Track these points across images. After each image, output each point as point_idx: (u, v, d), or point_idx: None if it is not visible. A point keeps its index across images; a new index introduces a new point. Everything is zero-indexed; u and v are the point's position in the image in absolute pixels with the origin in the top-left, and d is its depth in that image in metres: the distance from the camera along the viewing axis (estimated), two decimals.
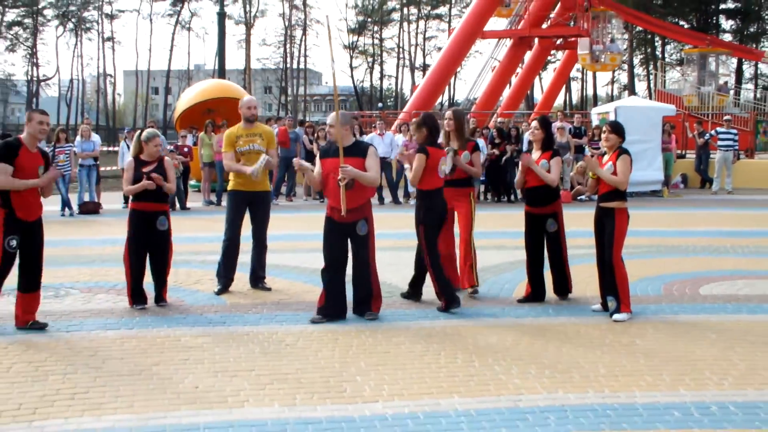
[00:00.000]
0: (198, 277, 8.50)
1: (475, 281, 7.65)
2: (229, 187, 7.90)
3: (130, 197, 7.32)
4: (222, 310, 7.03)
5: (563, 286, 7.52)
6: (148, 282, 7.18)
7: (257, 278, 8.02)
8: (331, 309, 6.58)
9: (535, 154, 7.50)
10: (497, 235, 11.84)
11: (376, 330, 6.32)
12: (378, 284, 6.74)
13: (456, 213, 7.87)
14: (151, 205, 7.15)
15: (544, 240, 7.46)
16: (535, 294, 7.46)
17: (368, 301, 6.67)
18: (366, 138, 17.29)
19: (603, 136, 7.14)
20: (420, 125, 7.24)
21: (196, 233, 11.99)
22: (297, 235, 11.60)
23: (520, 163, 7.52)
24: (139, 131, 7.59)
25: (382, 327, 6.42)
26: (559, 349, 5.84)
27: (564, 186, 16.51)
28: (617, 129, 7.08)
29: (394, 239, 10.84)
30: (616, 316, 6.72)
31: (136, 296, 7.08)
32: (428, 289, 7.76)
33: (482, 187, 17.97)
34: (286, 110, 58.92)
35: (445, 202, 7.31)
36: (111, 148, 32.68)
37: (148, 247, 7.13)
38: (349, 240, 6.63)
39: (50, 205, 15.73)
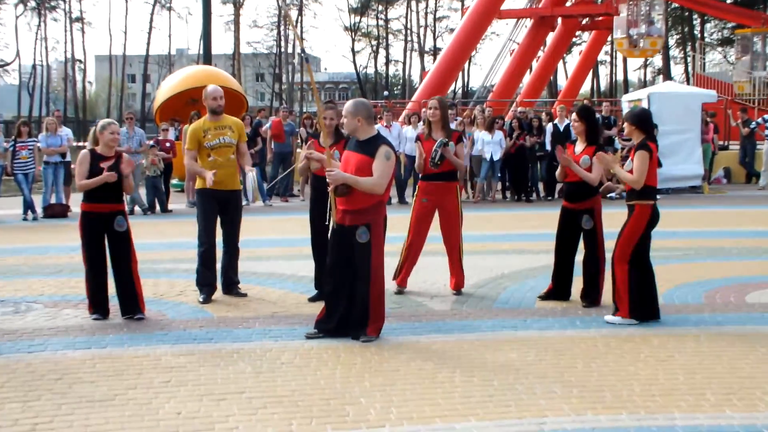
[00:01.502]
0: (181, 287, 8.48)
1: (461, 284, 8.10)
2: (198, 185, 7.98)
3: (81, 198, 7.28)
4: (208, 325, 7.01)
5: (592, 293, 7.53)
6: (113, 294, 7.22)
7: (231, 284, 8.12)
8: (331, 323, 6.49)
9: (579, 147, 7.67)
10: (518, 237, 11.81)
11: (383, 346, 6.29)
12: (381, 304, 6.47)
13: (438, 211, 8.10)
14: (106, 205, 7.15)
15: (576, 238, 7.62)
16: (557, 291, 7.65)
17: (364, 324, 6.42)
18: None
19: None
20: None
21: (180, 238, 11.98)
22: (293, 240, 11.58)
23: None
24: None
25: (389, 342, 6.39)
26: (587, 365, 5.80)
27: None
28: (637, 120, 7.04)
29: (399, 243, 10.79)
30: (608, 317, 6.90)
31: (95, 306, 7.15)
32: (432, 298, 7.73)
33: (499, 185, 17.94)
34: (280, 100, 59.02)
35: None
36: (81, 144, 32.65)
37: (107, 253, 7.17)
38: (347, 247, 6.45)
39: (11, 209, 15.80)
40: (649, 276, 6.94)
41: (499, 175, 17.56)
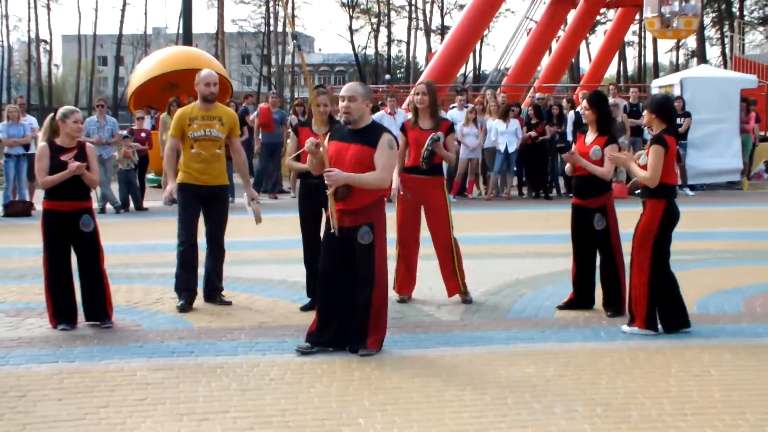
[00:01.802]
0: (158, 294, 8.50)
1: (462, 288, 8.07)
2: (179, 179, 7.97)
3: (43, 195, 7.29)
4: (188, 336, 7.01)
5: (614, 301, 7.56)
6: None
7: (213, 290, 8.12)
8: (325, 336, 6.46)
9: (590, 137, 7.71)
10: (536, 239, 11.82)
11: (384, 360, 6.30)
12: (383, 312, 6.47)
13: (424, 209, 8.13)
14: (71, 203, 7.14)
15: (593, 238, 7.63)
16: (579, 299, 7.69)
17: (363, 335, 6.40)
18: (376, 117, 17.29)
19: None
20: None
21: (156, 240, 11.99)
22: (283, 241, 11.58)
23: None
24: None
25: (391, 356, 6.40)
26: (613, 381, 5.80)
27: (618, 177, 16.48)
28: (657, 108, 7.03)
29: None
30: (625, 328, 6.98)
31: (60, 315, 7.13)
32: (439, 307, 7.73)
33: (515, 180, 17.96)
34: (269, 84, 59.04)
35: None
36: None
37: (71, 256, 7.17)
38: (347, 250, 6.42)
39: None
40: (669, 281, 6.95)
41: (514, 169, 17.59)
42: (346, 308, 6.45)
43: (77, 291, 7.26)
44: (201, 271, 8.10)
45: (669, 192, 6.93)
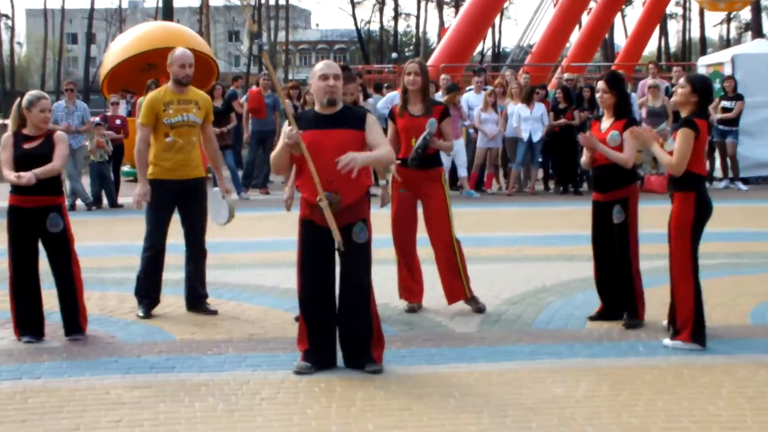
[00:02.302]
0: (135, 302, 8.50)
1: (468, 293, 8.07)
2: (149, 173, 8.00)
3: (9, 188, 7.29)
4: (169, 350, 7.03)
5: (628, 303, 7.59)
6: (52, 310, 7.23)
7: (197, 298, 8.16)
8: (323, 353, 6.46)
9: (606, 123, 7.71)
10: (564, 240, 11.80)
11: (390, 378, 6.31)
12: (378, 320, 6.58)
13: (423, 205, 8.14)
14: (38, 198, 7.12)
15: (612, 237, 7.63)
16: (608, 309, 7.70)
17: (367, 348, 6.45)
18: (383, 100, 17.27)
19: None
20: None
21: (133, 240, 11.92)
22: (275, 242, 11.61)
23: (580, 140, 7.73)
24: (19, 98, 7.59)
25: (397, 373, 6.41)
26: (652, 403, 5.80)
27: (659, 169, 16.46)
28: (701, 85, 7.11)
29: (388, 248, 10.80)
30: (667, 341, 7.00)
31: (25, 326, 7.14)
32: (453, 318, 7.74)
33: (540, 173, 17.94)
34: (259, 65, 59.07)
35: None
36: (8, 122, 32.77)
37: (37, 258, 7.19)
38: (337, 253, 6.45)
39: None
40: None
41: (539, 160, 17.55)
42: (340, 317, 6.49)
43: (45, 298, 7.28)
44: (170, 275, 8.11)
45: (698, 182, 6.98)
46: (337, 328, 6.50)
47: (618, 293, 7.67)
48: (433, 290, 8.33)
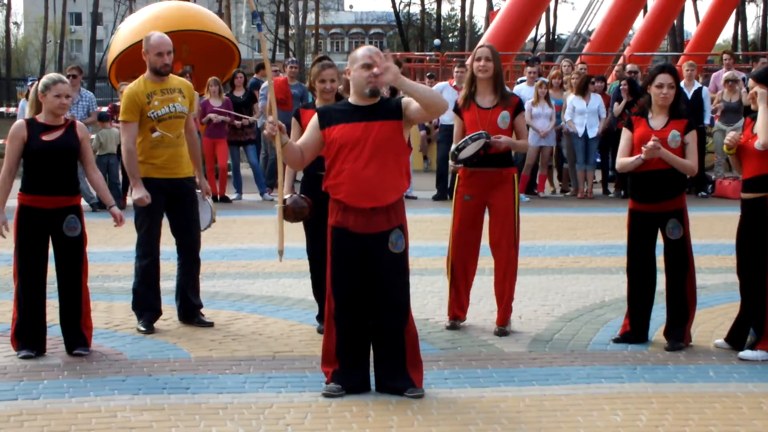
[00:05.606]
0: None
1: (507, 319, 8.04)
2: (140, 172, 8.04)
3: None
4: (183, 368, 7.05)
5: (678, 327, 7.57)
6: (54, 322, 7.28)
7: (190, 309, 8.22)
8: (356, 376, 6.47)
9: (657, 121, 7.56)
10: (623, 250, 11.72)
11: (430, 402, 6.31)
12: (417, 339, 6.56)
13: (488, 209, 8.03)
14: (54, 198, 7.15)
15: (653, 253, 7.65)
16: (635, 331, 7.69)
17: (404, 370, 6.43)
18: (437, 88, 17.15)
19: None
20: None
21: None
22: (302, 249, 11.56)
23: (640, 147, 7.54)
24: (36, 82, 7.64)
25: (438, 397, 6.41)
26: None
27: (733, 172, 16.32)
28: (764, 77, 7.23)
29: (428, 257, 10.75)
30: (744, 354, 7.09)
31: (25, 337, 7.15)
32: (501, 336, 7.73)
33: (598, 174, 17.84)
34: (286, 51, 59.35)
35: None
36: (4, 110, 33.13)
37: (46, 263, 7.22)
38: (370, 263, 6.43)
39: None
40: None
41: (597, 159, 17.45)
42: (372, 338, 6.49)
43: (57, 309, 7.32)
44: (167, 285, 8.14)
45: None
46: (371, 348, 6.49)
47: (646, 315, 7.71)
48: (480, 304, 8.30)
